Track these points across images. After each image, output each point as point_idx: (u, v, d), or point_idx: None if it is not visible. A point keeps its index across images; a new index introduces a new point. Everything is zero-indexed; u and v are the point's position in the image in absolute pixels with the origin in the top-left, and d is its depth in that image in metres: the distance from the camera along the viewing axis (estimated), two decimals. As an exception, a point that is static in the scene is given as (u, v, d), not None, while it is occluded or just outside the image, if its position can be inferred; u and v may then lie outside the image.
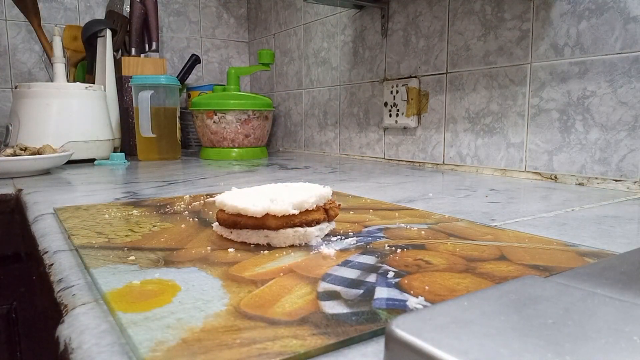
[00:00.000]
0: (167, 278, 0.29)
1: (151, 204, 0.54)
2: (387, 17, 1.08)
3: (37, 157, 0.83)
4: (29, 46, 1.35)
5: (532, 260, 0.33)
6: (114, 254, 0.34)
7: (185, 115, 1.45)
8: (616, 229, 0.44)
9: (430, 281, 0.28)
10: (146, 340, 0.21)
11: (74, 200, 0.58)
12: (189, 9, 1.59)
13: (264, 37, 1.61)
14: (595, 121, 0.70)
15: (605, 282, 0.23)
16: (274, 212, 0.35)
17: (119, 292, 0.27)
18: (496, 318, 0.18)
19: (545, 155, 0.78)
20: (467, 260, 0.33)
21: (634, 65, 0.66)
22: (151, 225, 0.43)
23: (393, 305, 0.25)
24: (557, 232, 0.43)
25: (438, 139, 0.98)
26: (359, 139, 1.20)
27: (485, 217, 0.48)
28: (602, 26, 0.69)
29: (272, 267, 0.31)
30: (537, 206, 0.55)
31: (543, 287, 0.21)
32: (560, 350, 0.16)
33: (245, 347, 0.20)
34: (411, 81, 1.01)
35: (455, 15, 0.92)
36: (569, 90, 0.74)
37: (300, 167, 0.98)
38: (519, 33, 0.80)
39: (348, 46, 1.21)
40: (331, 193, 0.41)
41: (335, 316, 0.23)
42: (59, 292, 0.29)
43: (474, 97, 0.89)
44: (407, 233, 0.40)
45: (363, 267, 0.31)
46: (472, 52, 0.89)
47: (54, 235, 0.42)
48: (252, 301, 0.25)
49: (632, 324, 0.18)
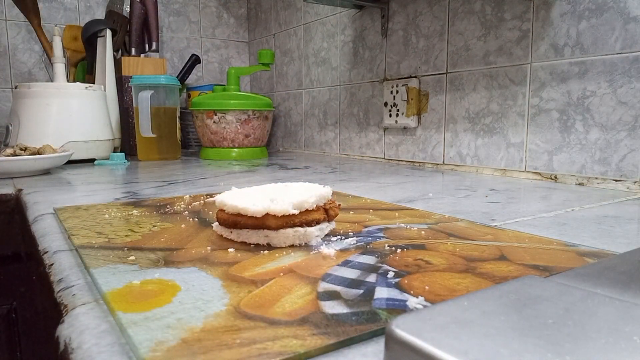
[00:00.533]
0: (167, 278, 0.29)
1: (151, 204, 0.54)
2: (387, 17, 1.08)
3: (37, 157, 0.83)
4: (29, 46, 1.35)
5: (532, 260, 0.33)
6: (114, 254, 0.34)
7: (185, 115, 1.45)
8: (616, 229, 0.44)
9: (430, 281, 0.28)
10: (146, 340, 0.21)
11: (74, 200, 0.58)
12: (189, 9, 1.58)
13: (264, 37, 1.61)
14: (595, 121, 0.70)
15: (605, 282, 0.23)
16: (274, 212, 0.35)
17: (119, 292, 0.27)
18: (496, 318, 0.18)
19: (545, 155, 0.78)
20: (467, 260, 0.33)
21: (634, 65, 0.66)
22: (151, 225, 0.43)
23: (393, 305, 0.25)
24: (557, 232, 0.43)
25: (438, 139, 0.98)
26: (359, 139, 1.20)
27: (485, 217, 0.48)
28: (602, 26, 0.69)
29: (272, 267, 0.31)
30: (537, 206, 0.55)
31: (543, 287, 0.21)
32: (560, 350, 0.16)
33: (245, 347, 0.20)
34: (411, 81, 1.01)
35: (455, 15, 0.92)
36: (569, 90, 0.74)
37: (300, 167, 0.98)
38: (519, 33, 0.80)
39: (348, 46, 1.21)
40: (331, 193, 0.41)
41: (335, 316, 0.23)
42: (59, 292, 0.29)
43: (474, 97, 0.89)
44: (407, 233, 0.40)
45: (363, 267, 0.31)
46: (472, 52, 0.89)
47: (54, 235, 0.42)
48: (252, 301, 0.25)
49: (632, 324, 0.18)
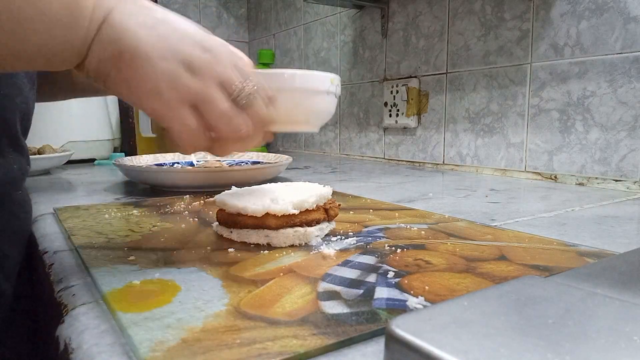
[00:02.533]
0: (167, 278, 0.29)
1: (151, 204, 0.54)
2: (387, 17, 1.08)
3: (37, 157, 0.83)
4: (29, 46, 1.35)
5: (532, 260, 0.33)
6: (114, 254, 0.34)
7: (185, 115, 1.45)
8: (616, 229, 0.44)
9: (430, 281, 0.28)
10: (146, 340, 0.21)
11: (74, 200, 0.58)
12: (189, 9, 1.58)
13: (264, 37, 1.61)
14: (595, 121, 0.70)
15: (605, 282, 0.23)
16: (274, 212, 0.35)
17: (119, 292, 0.27)
18: (496, 318, 0.18)
19: (545, 155, 0.78)
20: (467, 260, 0.33)
21: (634, 65, 0.66)
22: (151, 225, 0.43)
23: (393, 305, 0.25)
24: (557, 232, 0.43)
25: (438, 139, 0.98)
26: (359, 139, 1.20)
27: (485, 217, 0.48)
28: (602, 26, 0.69)
29: (272, 267, 0.31)
30: (537, 206, 0.55)
31: (543, 287, 0.21)
32: (560, 350, 0.16)
33: (245, 347, 0.20)
34: (411, 81, 1.01)
35: (455, 15, 0.92)
36: (569, 90, 0.74)
37: (300, 167, 0.98)
38: (519, 33, 0.80)
39: (348, 46, 1.21)
40: (331, 193, 0.41)
41: (335, 316, 0.23)
42: (59, 292, 0.29)
43: (474, 97, 0.89)
44: (407, 233, 0.40)
45: (363, 267, 0.31)
46: (472, 52, 0.89)
47: (54, 235, 0.42)
48: (252, 301, 0.25)
49: (632, 324, 0.18)
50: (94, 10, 0.27)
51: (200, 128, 0.31)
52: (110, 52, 0.28)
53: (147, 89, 0.29)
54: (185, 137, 0.30)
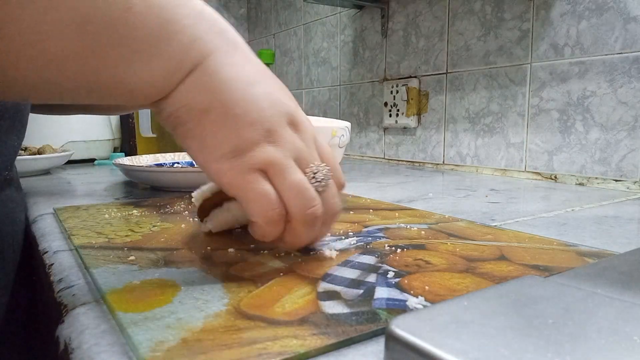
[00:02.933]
0: (167, 278, 0.29)
1: (151, 204, 0.54)
2: (387, 17, 1.08)
3: (37, 157, 0.83)
4: (29, 46, 1.35)
5: (532, 260, 0.33)
6: (114, 254, 0.34)
7: (185, 115, 1.45)
8: (616, 229, 0.44)
9: (430, 281, 0.28)
10: (146, 340, 0.21)
11: (74, 200, 0.58)
12: (189, 9, 1.58)
13: (264, 37, 1.61)
14: (595, 121, 0.70)
15: (605, 282, 0.23)
16: None
17: (119, 292, 0.27)
18: (496, 318, 0.18)
19: (545, 155, 0.78)
20: (467, 260, 0.33)
21: (634, 65, 0.66)
22: (151, 225, 0.43)
23: (393, 305, 0.25)
24: (557, 232, 0.43)
25: (438, 139, 0.98)
26: (359, 139, 1.20)
27: (485, 217, 0.48)
28: (602, 26, 0.69)
29: (272, 267, 0.31)
30: (537, 206, 0.55)
31: (543, 287, 0.21)
32: (560, 350, 0.16)
33: (245, 347, 0.20)
34: (411, 81, 1.01)
35: (455, 15, 0.92)
36: (569, 90, 0.74)
37: (300, 167, 0.98)
38: (519, 33, 0.80)
39: (348, 46, 1.21)
40: None
41: (335, 316, 0.23)
42: (59, 292, 0.29)
43: (474, 97, 0.89)
44: (407, 233, 0.40)
45: (363, 267, 0.31)
46: (472, 52, 0.89)
47: (54, 235, 0.42)
48: (252, 301, 0.25)
49: (632, 324, 0.18)
50: (190, 47, 0.25)
51: (276, 195, 0.27)
52: (200, 102, 0.25)
53: (223, 152, 0.26)
54: (258, 209, 0.27)
